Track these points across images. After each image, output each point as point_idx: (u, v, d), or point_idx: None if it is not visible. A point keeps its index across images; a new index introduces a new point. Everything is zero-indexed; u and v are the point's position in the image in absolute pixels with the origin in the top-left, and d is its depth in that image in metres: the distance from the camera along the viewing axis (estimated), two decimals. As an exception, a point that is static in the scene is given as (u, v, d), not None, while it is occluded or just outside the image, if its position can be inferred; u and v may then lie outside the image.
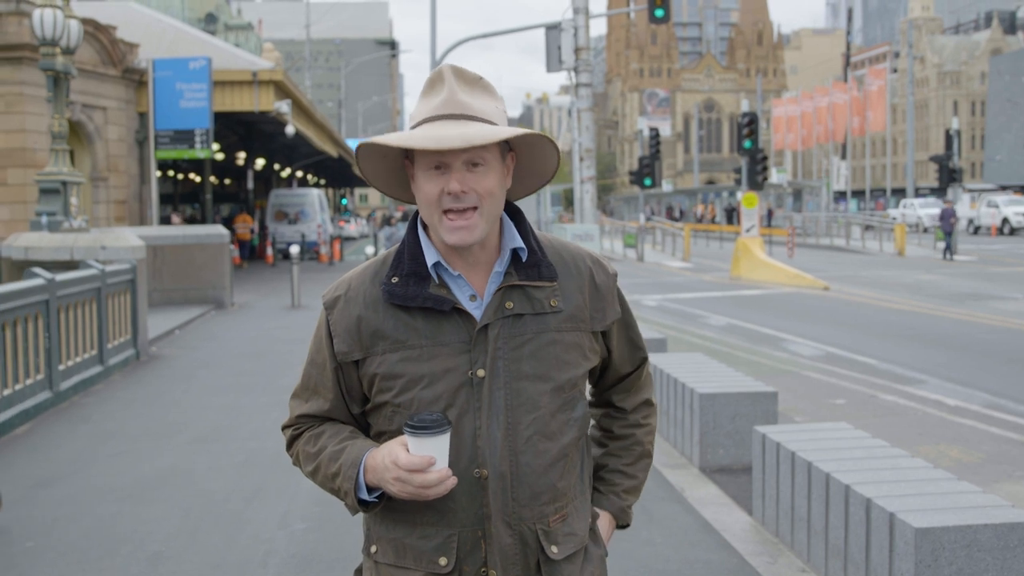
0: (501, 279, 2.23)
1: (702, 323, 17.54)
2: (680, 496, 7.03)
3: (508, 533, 2.19)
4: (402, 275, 2.22)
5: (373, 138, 2.20)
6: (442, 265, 2.23)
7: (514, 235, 2.27)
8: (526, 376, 2.20)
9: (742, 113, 32.14)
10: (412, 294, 2.20)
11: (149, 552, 6.03)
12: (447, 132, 2.12)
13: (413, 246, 2.25)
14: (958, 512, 4.52)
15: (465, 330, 2.19)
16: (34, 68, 21.17)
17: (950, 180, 48.41)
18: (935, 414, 9.96)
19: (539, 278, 2.23)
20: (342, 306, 2.27)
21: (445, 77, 2.21)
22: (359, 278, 2.30)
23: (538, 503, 2.21)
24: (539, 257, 2.26)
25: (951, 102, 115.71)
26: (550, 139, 2.25)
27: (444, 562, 2.19)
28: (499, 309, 2.20)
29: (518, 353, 2.20)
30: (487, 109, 2.21)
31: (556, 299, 2.24)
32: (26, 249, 14.73)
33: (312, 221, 38.73)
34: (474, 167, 2.16)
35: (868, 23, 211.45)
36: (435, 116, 2.18)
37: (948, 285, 23.87)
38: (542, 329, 2.22)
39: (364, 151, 2.24)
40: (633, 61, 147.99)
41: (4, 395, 9.40)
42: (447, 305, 2.19)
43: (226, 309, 20.55)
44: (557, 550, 2.23)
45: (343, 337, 2.25)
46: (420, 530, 2.22)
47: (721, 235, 50.61)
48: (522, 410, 2.20)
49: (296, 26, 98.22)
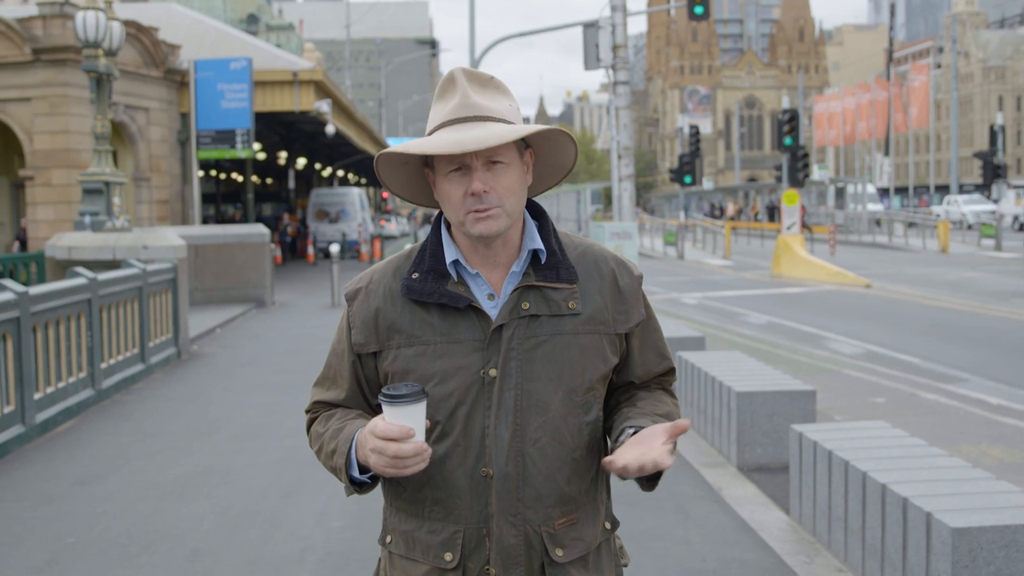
0: (519, 279, 2.24)
1: (742, 321, 17.45)
2: (717, 495, 7.00)
3: (512, 533, 2.19)
4: (422, 271, 2.25)
5: (392, 147, 2.23)
6: (461, 263, 2.25)
7: (535, 236, 2.28)
8: (538, 378, 2.20)
9: (783, 110, 31.92)
10: (429, 290, 2.22)
11: (187, 549, 6.09)
12: (463, 135, 2.13)
13: (435, 244, 2.27)
14: (996, 512, 4.47)
15: (480, 328, 2.20)
16: (77, 70, 21.46)
17: (995, 176, 47.81)
18: (977, 413, 9.86)
19: (558, 280, 2.24)
20: (362, 298, 2.30)
21: (457, 80, 2.23)
22: (381, 272, 2.33)
23: (543, 505, 2.21)
24: (559, 259, 2.26)
25: (996, 97, 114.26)
26: (566, 132, 2.26)
27: (449, 557, 2.21)
28: (515, 309, 2.21)
29: (531, 355, 2.20)
30: (501, 108, 2.22)
31: (575, 301, 2.24)
32: (69, 249, 14.91)
33: (353, 220, 38.87)
34: (494, 166, 2.18)
35: (911, 18, 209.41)
36: (451, 120, 2.20)
37: (992, 282, 23.60)
38: (558, 331, 2.22)
39: (384, 160, 2.27)
40: (674, 58, 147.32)
41: (47, 393, 9.52)
42: (463, 302, 2.20)
43: (267, 308, 20.68)
44: (562, 553, 2.23)
45: (360, 329, 2.28)
46: (428, 524, 2.24)
47: (762, 232, 50.29)
48: (532, 412, 2.19)
49: (337, 26, 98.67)
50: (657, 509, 6.64)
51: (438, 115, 2.23)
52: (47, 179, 23.75)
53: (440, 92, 2.26)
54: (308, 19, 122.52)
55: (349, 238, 37.80)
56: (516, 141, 2.22)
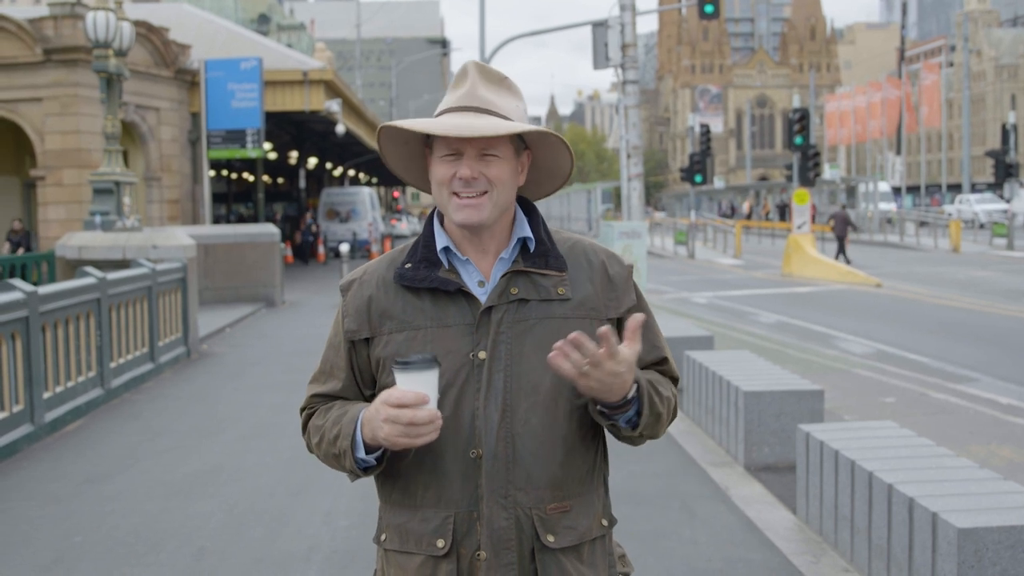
0: (508, 266, 2.29)
1: (751, 320, 17.42)
2: (724, 495, 6.99)
3: (503, 516, 2.21)
4: (415, 260, 2.31)
5: (394, 121, 2.30)
6: (451, 250, 2.30)
7: (524, 226, 2.34)
8: (527, 360, 2.23)
9: (793, 109, 31.87)
10: (421, 276, 2.27)
11: (195, 547, 6.10)
12: (462, 122, 2.21)
13: (427, 235, 2.34)
14: (1003, 512, 4.46)
15: (470, 312, 2.25)
16: (88, 70, 21.51)
17: (1007, 175, 47.61)
18: (987, 413, 9.82)
19: (547, 267, 2.29)
20: (356, 288, 2.36)
21: (469, 73, 2.31)
22: (376, 264, 2.39)
23: (534, 487, 2.22)
24: (548, 247, 2.31)
25: (1008, 95, 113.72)
26: (562, 139, 2.31)
27: (441, 544, 2.22)
28: (504, 294, 2.25)
29: (521, 338, 2.24)
30: (507, 107, 2.29)
31: (564, 288, 2.28)
32: (79, 248, 14.95)
33: (363, 219, 38.94)
34: (486, 157, 2.24)
35: (923, 17, 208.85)
36: (455, 107, 2.28)
37: (1003, 282, 23.52)
38: (547, 315, 2.26)
39: (386, 134, 2.34)
40: (684, 57, 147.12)
41: (56, 392, 9.55)
42: (452, 287, 2.25)
43: (276, 307, 20.72)
44: (553, 539, 2.23)
45: (353, 316, 2.33)
46: (421, 513, 2.26)
47: (773, 232, 50.18)
48: (521, 394, 2.22)
49: (348, 25, 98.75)
50: (663, 508, 6.63)
51: (447, 101, 2.32)
52: (58, 179, 23.83)
53: (454, 82, 2.34)
54: (319, 18, 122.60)
55: (360, 237, 37.85)
56: (514, 142, 2.28)
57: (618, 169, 57.23)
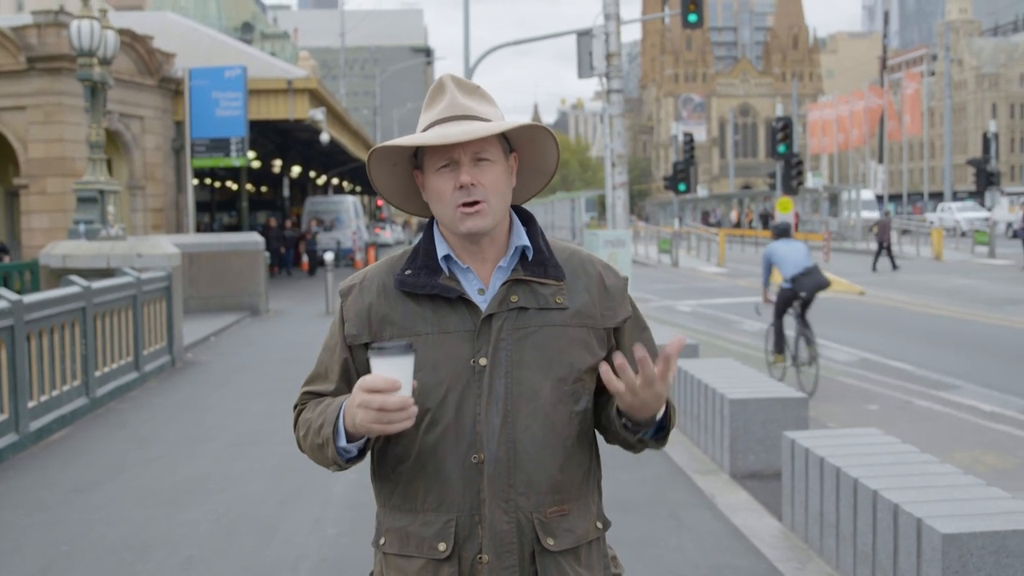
0: (507, 274, 2.32)
1: (736, 328, 17.48)
2: (710, 502, 7.03)
3: (504, 519, 2.24)
4: (415, 267, 2.33)
5: (386, 142, 2.32)
6: (452, 258, 2.33)
7: (522, 235, 2.37)
8: (527, 366, 2.26)
9: (776, 118, 32.05)
10: (422, 283, 2.30)
11: (182, 556, 6.10)
12: (454, 129, 2.24)
13: (427, 242, 2.36)
14: (987, 518, 4.50)
15: (470, 319, 2.27)
16: (72, 78, 21.42)
17: (988, 183, 47.97)
18: (970, 420, 9.89)
19: (545, 276, 2.32)
20: (356, 294, 2.38)
21: (446, 85, 2.35)
22: (375, 269, 2.41)
23: (535, 492, 2.26)
24: (546, 256, 2.34)
25: (989, 104, 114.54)
26: (550, 132, 2.36)
27: (443, 547, 2.25)
28: (504, 301, 2.28)
29: (521, 344, 2.27)
30: (488, 112, 2.34)
31: (562, 297, 2.32)
32: (64, 257, 14.91)
33: (347, 228, 38.95)
34: (480, 162, 2.27)
35: (905, 26, 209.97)
36: (441, 119, 2.30)
37: (986, 290, 23.66)
38: (546, 323, 2.29)
39: (376, 159, 2.35)
40: (668, 66, 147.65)
41: (41, 401, 9.52)
42: (453, 294, 2.28)
43: (261, 316, 20.70)
44: (553, 542, 2.27)
45: (353, 321, 2.35)
46: (422, 517, 2.28)
47: (756, 240, 50.33)
48: (522, 399, 2.25)
49: (332, 34, 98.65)
50: (650, 516, 6.67)
51: (427, 117, 2.34)
52: (42, 188, 23.74)
53: (430, 97, 2.36)
54: (303, 27, 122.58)
55: (344, 246, 37.83)
56: (501, 144, 2.32)
57: (602, 178, 57.38)
